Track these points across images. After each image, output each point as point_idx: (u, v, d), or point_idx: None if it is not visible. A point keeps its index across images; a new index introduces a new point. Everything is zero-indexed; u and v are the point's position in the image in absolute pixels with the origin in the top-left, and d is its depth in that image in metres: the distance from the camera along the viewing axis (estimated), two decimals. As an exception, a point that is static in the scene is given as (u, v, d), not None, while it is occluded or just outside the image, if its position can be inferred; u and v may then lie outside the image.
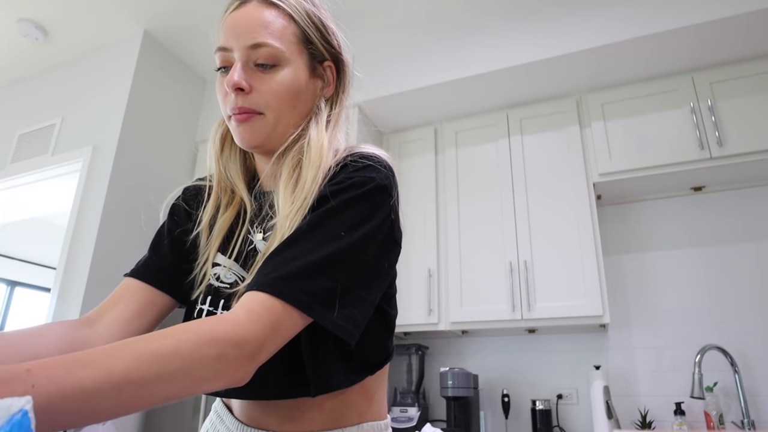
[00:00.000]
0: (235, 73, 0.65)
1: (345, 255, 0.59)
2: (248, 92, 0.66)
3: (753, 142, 2.05)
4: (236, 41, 0.67)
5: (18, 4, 2.59)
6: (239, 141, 0.69)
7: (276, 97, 0.67)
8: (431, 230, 2.51)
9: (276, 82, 0.67)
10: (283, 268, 0.56)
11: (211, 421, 0.75)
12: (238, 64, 0.66)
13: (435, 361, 2.56)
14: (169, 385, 0.45)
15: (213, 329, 0.49)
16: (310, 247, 0.58)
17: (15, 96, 3.18)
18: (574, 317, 2.11)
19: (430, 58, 2.50)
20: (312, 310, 0.55)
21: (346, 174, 0.65)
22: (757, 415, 1.99)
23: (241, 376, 0.51)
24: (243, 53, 0.67)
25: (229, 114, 0.68)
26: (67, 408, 0.39)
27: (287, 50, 0.68)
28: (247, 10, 0.68)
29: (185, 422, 2.28)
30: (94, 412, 0.41)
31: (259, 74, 0.67)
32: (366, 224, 0.62)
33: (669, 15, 2.08)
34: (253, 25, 0.67)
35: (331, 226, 0.60)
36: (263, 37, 0.66)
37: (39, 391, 0.37)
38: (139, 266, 0.76)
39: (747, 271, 2.19)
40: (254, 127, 0.68)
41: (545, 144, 2.42)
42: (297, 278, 0.55)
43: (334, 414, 0.66)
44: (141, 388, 0.43)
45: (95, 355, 0.43)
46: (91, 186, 2.49)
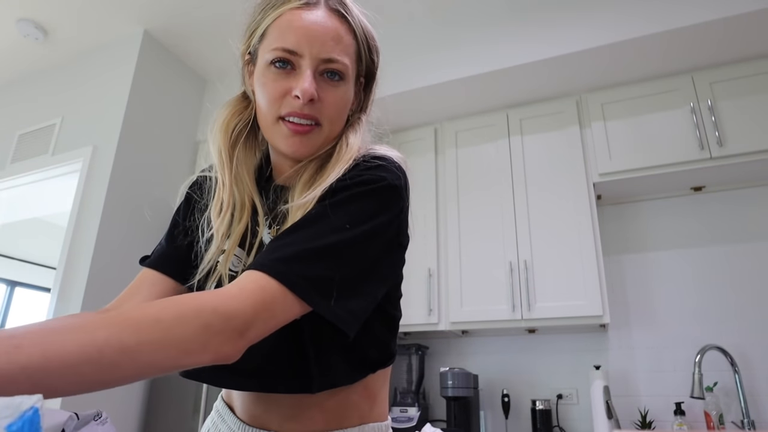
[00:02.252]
0: (311, 84, 0.64)
1: (347, 247, 0.59)
2: (315, 102, 0.66)
3: (753, 142, 2.05)
4: (309, 48, 0.65)
5: (18, 4, 2.59)
6: (288, 149, 0.67)
7: (336, 110, 0.68)
8: (431, 230, 2.51)
9: (339, 97, 0.68)
10: (282, 250, 0.56)
11: (213, 420, 0.75)
12: (308, 72, 0.65)
13: (435, 361, 2.56)
14: (151, 353, 0.44)
15: (199, 300, 0.49)
16: (312, 235, 0.58)
17: (15, 96, 3.18)
18: (574, 317, 2.11)
19: (430, 58, 2.50)
20: (308, 296, 0.55)
21: (358, 171, 0.65)
22: (757, 415, 1.99)
23: (228, 351, 0.50)
24: (316, 63, 0.66)
25: (281, 116, 0.66)
26: (49, 370, 0.38)
27: (351, 67, 0.70)
28: (318, 16, 0.66)
29: (185, 422, 2.28)
30: (77, 375, 0.40)
31: (325, 85, 0.67)
32: (371, 220, 0.61)
33: (669, 15, 2.08)
34: (327, 37, 0.66)
35: (336, 218, 0.60)
36: (336, 52, 0.67)
37: (21, 350, 0.38)
38: (155, 256, 0.75)
39: (747, 271, 2.19)
40: (311, 140, 0.67)
41: (545, 144, 2.42)
42: (295, 262, 0.55)
43: (335, 414, 0.66)
44: (122, 353, 0.42)
45: (81, 322, 0.43)
46: (91, 186, 2.49)
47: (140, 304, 0.48)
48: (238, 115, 0.74)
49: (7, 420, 0.33)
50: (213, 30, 2.72)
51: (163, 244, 0.77)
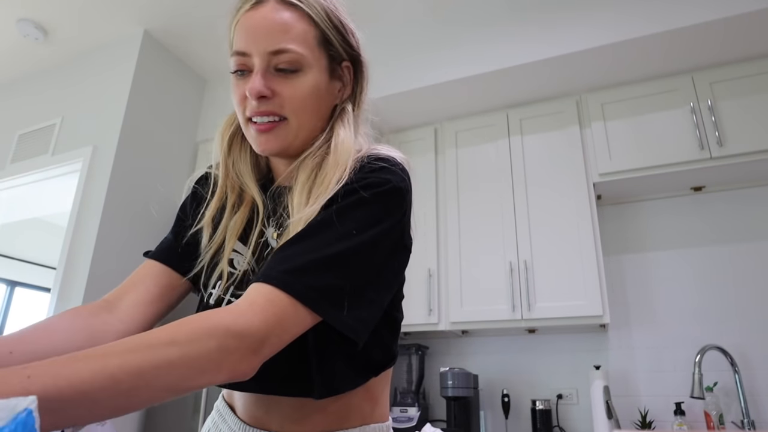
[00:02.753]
0: (258, 81, 0.64)
1: (355, 254, 0.58)
2: (271, 98, 0.65)
3: (753, 142, 2.05)
4: (256, 46, 0.64)
5: (18, 4, 2.59)
6: (260, 150, 0.68)
7: (299, 102, 0.66)
8: (431, 230, 2.51)
9: (298, 88, 0.66)
10: (291, 262, 0.55)
11: (213, 420, 0.75)
12: (257, 69, 0.65)
13: (435, 361, 2.56)
14: (166, 375, 0.44)
15: (211, 320, 0.49)
16: (320, 244, 0.57)
17: (15, 96, 3.18)
18: (574, 317, 2.11)
19: (429, 59, 2.50)
20: (319, 307, 0.54)
21: (362, 174, 0.64)
22: (757, 415, 1.99)
23: (244, 369, 0.50)
24: (264, 59, 0.64)
25: (248, 118, 0.67)
26: (63, 398, 0.38)
27: (308, 54, 0.66)
28: (264, 12, 0.65)
29: (185, 422, 2.28)
30: (92, 403, 0.40)
31: (281, 79, 0.65)
32: (378, 225, 0.61)
33: (669, 15, 2.08)
34: (273, 29, 0.64)
35: (342, 225, 0.59)
36: (285, 42, 0.64)
37: (34, 381, 0.38)
38: (161, 248, 0.75)
39: (747, 271, 2.19)
40: (277, 136, 0.67)
41: (545, 144, 2.42)
42: (304, 273, 0.55)
43: (337, 416, 0.65)
44: (138, 378, 0.42)
45: (93, 350, 0.43)
46: (91, 186, 2.49)
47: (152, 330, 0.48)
48: (231, 123, 0.76)
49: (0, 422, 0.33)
50: (213, 30, 2.72)
51: (169, 238, 0.77)
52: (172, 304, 0.73)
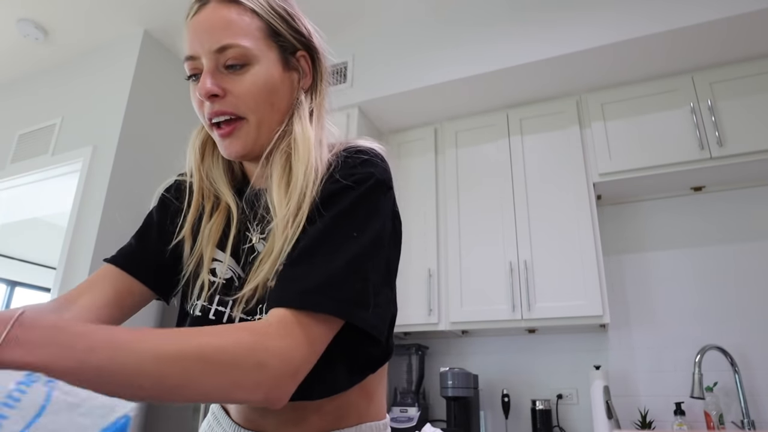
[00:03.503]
0: (206, 81, 0.63)
1: (363, 253, 0.59)
2: (223, 96, 0.64)
3: (753, 142, 2.05)
4: (201, 47, 0.64)
5: (18, 4, 2.59)
6: (226, 154, 0.68)
7: (253, 97, 0.65)
8: (431, 230, 2.51)
9: (249, 82, 0.65)
10: (310, 279, 0.55)
11: (209, 423, 0.74)
12: (207, 70, 0.64)
13: (435, 361, 2.56)
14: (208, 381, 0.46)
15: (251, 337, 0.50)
16: (331, 253, 0.57)
17: (15, 96, 3.18)
18: (573, 317, 2.11)
19: (430, 58, 2.50)
20: (352, 315, 0.55)
21: (345, 171, 0.63)
22: (757, 415, 1.99)
23: (279, 394, 0.50)
24: (210, 58, 0.64)
25: (209, 121, 0.66)
26: (114, 376, 0.42)
27: (255, 47, 0.65)
28: (206, 13, 0.65)
29: (185, 422, 2.28)
30: (136, 389, 0.43)
31: (231, 76, 0.64)
32: (374, 220, 0.61)
33: (669, 15, 2.08)
34: (215, 28, 0.64)
35: (343, 229, 0.59)
36: (228, 38, 0.64)
37: (94, 355, 0.41)
38: (120, 254, 0.74)
39: (747, 271, 2.19)
40: (240, 137, 0.66)
41: (545, 144, 2.42)
42: (329, 287, 0.55)
43: (334, 416, 0.65)
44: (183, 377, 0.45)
45: (150, 336, 0.45)
46: (91, 186, 2.49)
47: (201, 328, 0.49)
48: (201, 131, 0.76)
49: (103, 421, 0.35)
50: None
51: (132, 244, 0.76)
52: (129, 309, 0.72)
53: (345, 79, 2.67)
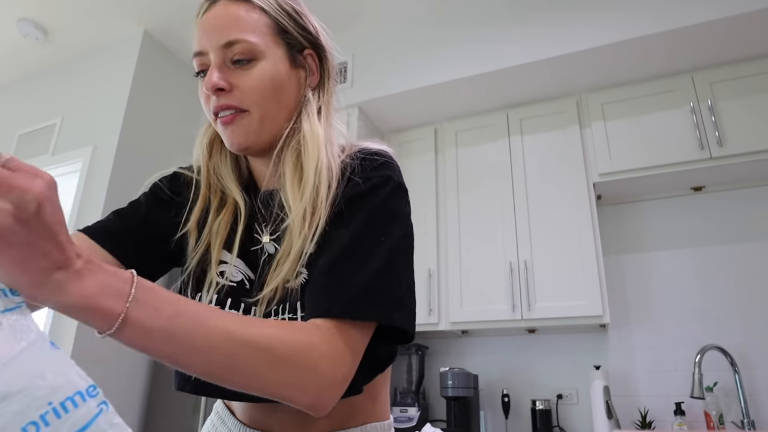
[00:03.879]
0: (213, 75, 0.64)
1: (395, 256, 0.61)
2: (229, 91, 0.65)
3: (753, 142, 2.05)
4: (209, 42, 0.65)
5: (18, 4, 2.59)
6: (229, 144, 0.68)
7: (258, 92, 0.65)
8: (431, 230, 2.51)
9: (256, 77, 0.65)
10: (351, 286, 0.56)
11: (212, 422, 0.74)
12: (214, 65, 0.65)
13: (435, 361, 2.56)
14: (269, 371, 0.49)
15: (308, 338, 0.52)
16: (365, 258, 0.59)
17: (15, 96, 3.18)
18: (573, 317, 2.11)
19: (430, 58, 2.50)
20: (393, 319, 0.57)
21: (365, 174, 0.64)
22: (757, 415, 1.99)
23: (326, 401, 0.52)
24: (218, 53, 0.65)
25: (214, 115, 0.67)
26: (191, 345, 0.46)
27: (262, 43, 0.66)
28: (216, 10, 0.66)
29: (185, 422, 2.28)
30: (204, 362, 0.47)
31: (237, 71, 0.65)
32: (398, 223, 0.64)
33: (669, 15, 2.08)
34: (224, 24, 0.65)
35: (372, 232, 0.61)
36: (235, 33, 0.65)
37: (176, 322, 0.46)
38: (95, 225, 0.71)
39: (747, 271, 2.19)
40: (242, 127, 0.66)
41: (545, 144, 2.42)
42: (371, 293, 0.56)
43: (339, 417, 0.65)
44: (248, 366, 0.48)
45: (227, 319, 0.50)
46: (91, 186, 2.49)
47: (267, 320, 0.54)
48: (209, 127, 0.76)
49: None
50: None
51: (111, 219, 0.74)
52: None
53: (345, 79, 2.67)
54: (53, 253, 0.39)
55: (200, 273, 0.70)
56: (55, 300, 0.40)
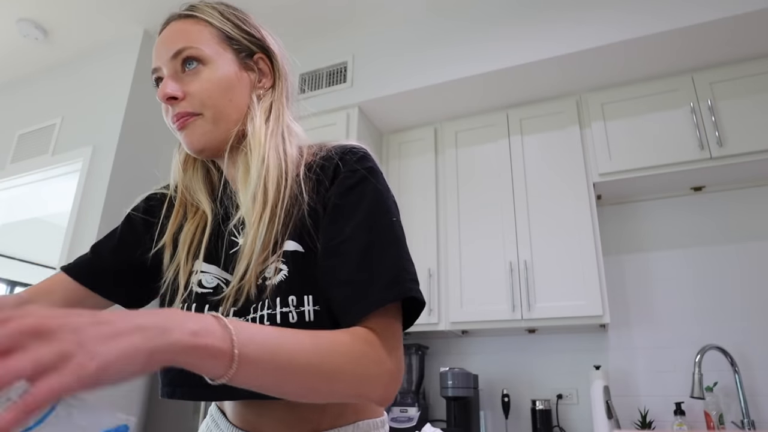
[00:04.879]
0: (167, 86, 0.68)
1: (401, 233, 0.66)
2: (182, 99, 0.68)
3: (753, 142, 2.05)
4: (160, 58, 0.70)
5: (18, 4, 2.59)
6: (186, 147, 0.70)
7: (208, 94, 0.68)
8: (431, 230, 2.51)
9: (204, 79, 0.68)
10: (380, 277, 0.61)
11: (207, 426, 0.74)
12: (166, 76, 0.69)
13: (435, 361, 2.56)
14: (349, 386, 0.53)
15: (376, 349, 0.56)
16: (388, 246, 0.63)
17: (15, 96, 3.18)
18: (574, 317, 2.11)
19: (430, 58, 2.50)
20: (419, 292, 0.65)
21: (349, 168, 0.67)
22: (757, 415, 1.99)
23: (393, 389, 0.57)
24: (168, 65, 0.69)
25: (172, 124, 0.70)
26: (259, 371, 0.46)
27: (209, 49, 0.70)
28: (167, 30, 0.72)
29: (185, 422, 2.28)
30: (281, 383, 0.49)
31: (188, 77, 0.69)
32: (395, 206, 0.68)
33: (669, 15, 2.08)
34: (172, 38, 0.70)
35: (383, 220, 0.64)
36: (181, 43, 0.69)
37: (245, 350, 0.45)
38: (75, 263, 0.76)
39: (747, 271, 2.19)
40: (195, 129, 0.68)
41: (545, 144, 2.42)
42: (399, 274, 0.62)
43: (331, 415, 0.65)
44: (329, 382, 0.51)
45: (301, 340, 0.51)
46: (91, 186, 2.49)
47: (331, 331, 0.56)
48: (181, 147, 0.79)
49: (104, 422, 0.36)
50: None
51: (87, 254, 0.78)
52: None
53: (345, 79, 2.67)
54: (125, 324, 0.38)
55: (178, 285, 0.71)
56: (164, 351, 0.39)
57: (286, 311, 0.63)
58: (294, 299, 0.63)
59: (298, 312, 0.63)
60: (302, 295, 0.63)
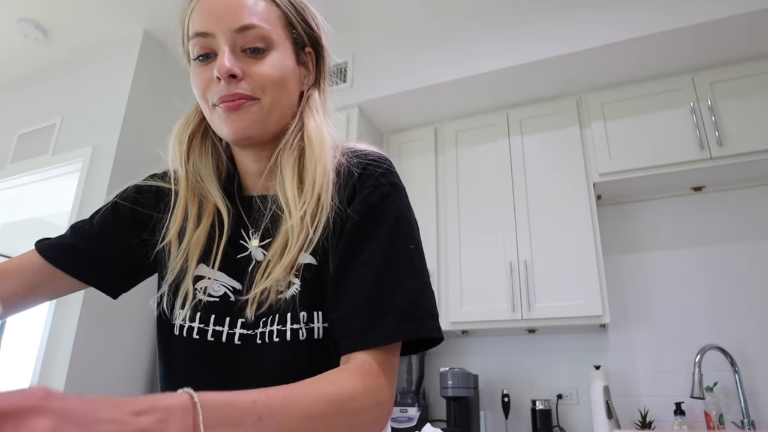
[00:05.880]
0: (225, 59, 0.58)
1: (425, 264, 0.62)
2: (240, 79, 0.60)
3: (753, 142, 2.05)
4: (219, 25, 0.60)
5: (18, 4, 2.59)
6: (230, 132, 0.62)
7: (271, 81, 0.61)
8: (431, 230, 2.51)
9: (269, 66, 0.61)
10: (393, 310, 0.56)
11: None
12: (225, 48, 0.59)
13: (435, 361, 2.56)
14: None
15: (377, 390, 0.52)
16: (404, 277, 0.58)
17: (15, 96, 3.18)
18: (574, 317, 2.11)
19: (430, 58, 2.50)
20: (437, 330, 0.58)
21: (373, 183, 0.63)
22: (757, 415, 1.99)
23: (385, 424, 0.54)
24: (229, 37, 0.60)
25: (215, 103, 0.61)
26: None
27: (275, 32, 0.62)
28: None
29: None
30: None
31: (249, 59, 0.61)
32: (416, 228, 0.65)
33: (669, 15, 2.08)
34: (236, 8, 0.60)
35: (402, 247, 0.60)
36: (250, 18, 0.60)
37: (263, 424, 0.39)
38: (50, 245, 0.70)
39: (747, 271, 2.19)
40: (249, 114, 0.61)
41: (545, 144, 2.42)
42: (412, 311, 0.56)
43: None
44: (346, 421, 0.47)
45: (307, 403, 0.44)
46: (91, 186, 2.49)
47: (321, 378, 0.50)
48: (192, 121, 0.71)
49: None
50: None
51: (65, 235, 0.72)
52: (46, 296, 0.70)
53: (345, 79, 2.67)
54: None
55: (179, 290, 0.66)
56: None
57: (296, 328, 0.60)
58: (305, 315, 0.60)
59: (308, 329, 0.60)
60: (313, 311, 0.61)
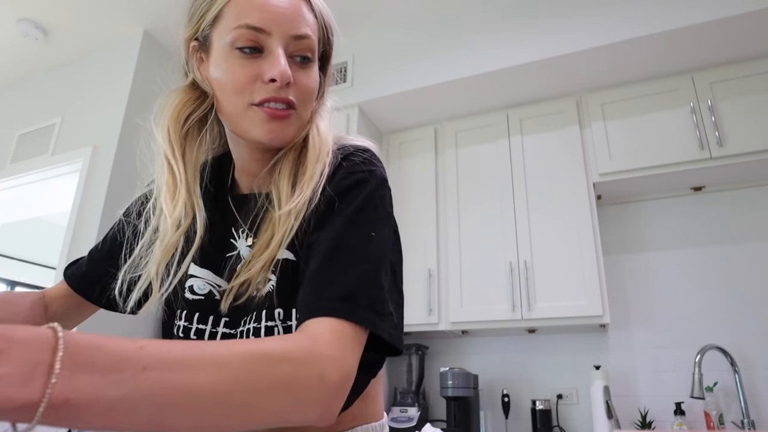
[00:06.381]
0: (284, 64, 0.59)
1: (383, 256, 0.57)
2: (291, 86, 0.61)
3: (753, 142, 2.05)
4: (278, 27, 0.60)
5: (18, 4, 2.59)
6: (266, 137, 0.61)
7: (309, 94, 0.64)
8: (431, 230, 2.51)
9: (312, 78, 0.64)
10: (339, 286, 0.52)
11: None
12: (281, 51, 0.60)
13: (435, 361, 2.56)
14: (276, 399, 0.42)
15: (312, 346, 0.46)
16: (355, 258, 0.54)
17: (15, 96, 3.18)
18: (574, 317, 2.11)
19: (430, 58, 2.50)
20: (377, 327, 0.52)
21: (348, 169, 0.62)
22: (757, 415, 1.99)
23: (334, 410, 0.46)
24: (285, 42, 0.60)
25: (255, 103, 0.60)
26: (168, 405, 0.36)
27: (316, 47, 0.65)
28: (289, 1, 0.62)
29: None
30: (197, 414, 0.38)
31: (296, 67, 0.62)
32: (385, 220, 0.60)
33: (669, 15, 2.08)
34: (295, 14, 0.61)
35: (360, 230, 0.57)
36: (306, 28, 0.62)
37: (147, 375, 0.35)
38: (75, 274, 0.76)
39: (747, 271, 2.19)
40: (290, 126, 0.62)
41: (545, 144, 2.42)
42: (357, 295, 0.52)
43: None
44: (251, 396, 0.40)
45: (209, 352, 0.40)
46: (91, 186, 2.49)
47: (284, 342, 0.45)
48: (192, 104, 0.68)
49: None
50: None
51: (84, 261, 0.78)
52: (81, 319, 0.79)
53: (345, 79, 2.67)
54: None
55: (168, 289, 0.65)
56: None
57: (271, 325, 0.59)
58: (281, 312, 0.59)
59: (285, 326, 0.59)
60: (290, 308, 0.59)
